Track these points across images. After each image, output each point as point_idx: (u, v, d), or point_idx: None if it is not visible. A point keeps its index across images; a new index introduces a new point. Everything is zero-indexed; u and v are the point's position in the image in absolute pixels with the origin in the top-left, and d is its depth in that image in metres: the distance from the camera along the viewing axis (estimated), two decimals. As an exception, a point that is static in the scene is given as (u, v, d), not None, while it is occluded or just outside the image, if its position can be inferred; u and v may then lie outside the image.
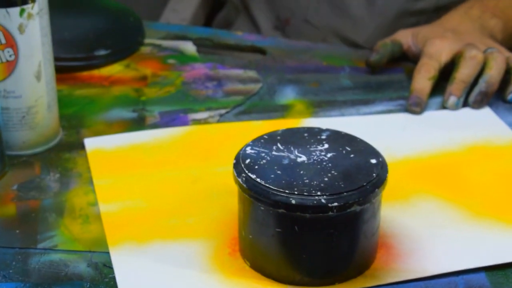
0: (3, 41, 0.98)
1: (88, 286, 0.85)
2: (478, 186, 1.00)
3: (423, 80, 1.15)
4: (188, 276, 0.86)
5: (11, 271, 0.86)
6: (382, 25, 1.43)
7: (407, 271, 0.87)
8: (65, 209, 0.95)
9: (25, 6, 0.97)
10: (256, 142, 0.88)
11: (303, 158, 0.86)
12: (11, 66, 1.00)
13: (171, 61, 1.25)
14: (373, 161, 0.86)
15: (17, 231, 0.92)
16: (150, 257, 0.89)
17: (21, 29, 0.98)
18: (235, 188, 0.86)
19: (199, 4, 1.62)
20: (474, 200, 0.97)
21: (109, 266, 0.87)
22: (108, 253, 0.89)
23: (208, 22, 1.67)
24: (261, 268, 0.86)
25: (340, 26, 1.45)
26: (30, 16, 0.98)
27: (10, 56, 0.99)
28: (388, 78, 1.22)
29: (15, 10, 0.97)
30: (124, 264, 0.88)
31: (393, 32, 1.31)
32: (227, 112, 1.14)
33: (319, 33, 1.46)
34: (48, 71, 1.03)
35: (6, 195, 0.97)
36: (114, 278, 0.85)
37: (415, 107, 1.14)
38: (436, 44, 1.18)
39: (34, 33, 1.00)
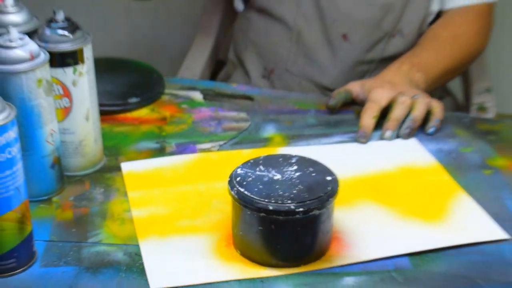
0: (61, 92, 0.99)
1: (124, 269, 0.87)
2: (404, 195, 1.01)
3: (368, 119, 1.15)
4: (196, 261, 0.88)
5: (69, 258, 0.89)
6: (343, 70, 1.42)
7: (352, 256, 0.89)
8: (107, 214, 0.97)
9: (77, 66, 0.99)
10: (244, 165, 0.90)
11: (278, 176, 0.88)
12: (67, 110, 1.01)
13: (184, 106, 1.25)
14: (329, 178, 0.88)
15: (73, 229, 0.94)
16: (168, 248, 0.90)
17: (74, 83, 1.00)
18: (229, 199, 0.88)
19: (206, 64, 1.60)
20: (401, 205, 0.99)
21: (139, 255, 0.89)
22: (138, 245, 0.91)
23: (212, 76, 1.65)
24: (248, 255, 0.88)
25: (312, 73, 1.44)
26: (80, 74, 1.00)
27: (66, 103, 1.00)
28: (342, 117, 1.22)
29: (69, 69, 0.99)
30: (149, 253, 0.89)
31: (352, 75, 1.31)
32: (225, 143, 1.14)
33: (296, 79, 1.45)
34: (95, 114, 1.04)
35: (65, 204, 0.98)
36: (142, 263, 0.88)
37: (362, 139, 1.14)
38: (378, 92, 1.18)
39: (83, 86, 1.01)
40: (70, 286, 0.85)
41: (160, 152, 1.12)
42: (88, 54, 1.01)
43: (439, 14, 1.44)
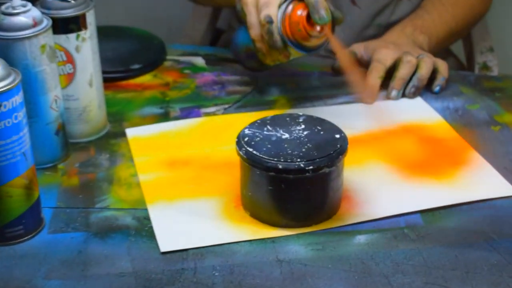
0: (65, 58, 0.99)
1: (133, 233, 0.86)
2: (413, 153, 1.00)
3: (374, 79, 1.15)
4: (206, 223, 0.87)
5: (77, 224, 0.88)
6: (351, 35, 1.39)
7: (363, 215, 0.88)
8: (114, 179, 0.96)
9: (80, 32, 0.98)
10: (252, 125, 0.89)
11: (286, 135, 0.87)
12: (70, 77, 1.00)
13: (186, 71, 1.24)
14: (337, 136, 0.87)
15: (80, 196, 0.93)
16: (177, 211, 0.89)
17: (77, 49, 0.99)
18: (237, 159, 0.87)
19: (205, 33, 1.59)
20: (410, 163, 0.98)
21: (147, 219, 0.88)
22: (146, 209, 0.90)
23: (212, 45, 1.61)
24: (258, 216, 0.87)
25: None
26: (83, 39, 0.99)
27: (70, 69, 1.00)
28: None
29: (72, 36, 0.98)
30: (158, 216, 0.89)
31: (359, 40, 1.29)
32: (229, 107, 1.13)
33: None
34: (98, 80, 1.03)
35: (71, 170, 0.98)
36: (151, 227, 0.87)
37: (369, 99, 1.13)
38: (382, 52, 1.17)
39: (87, 52, 1.00)
40: (80, 251, 0.84)
41: (164, 117, 1.11)
42: (90, 19, 1.00)
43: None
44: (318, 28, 1.00)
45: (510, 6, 2.08)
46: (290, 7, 1.01)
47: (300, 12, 1.00)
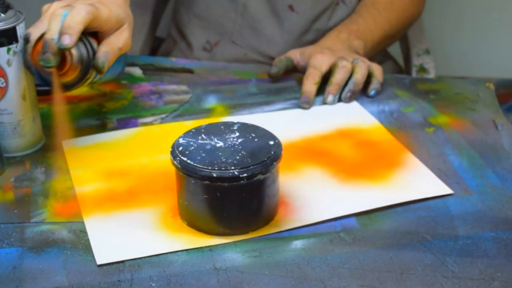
0: None
1: (69, 246, 0.85)
2: (349, 157, 1.01)
3: (310, 85, 1.15)
4: (143, 234, 0.87)
5: (12, 239, 0.86)
6: (289, 41, 1.41)
7: (300, 220, 0.88)
8: (50, 193, 0.95)
9: (10, 46, 0.96)
10: (186, 134, 0.89)
11: (220, 143, 0.87)
12: (3, 90, 0.98)
13: (124, 82, 1.23)
14: (271, 142, 0.87)
15: (15, 210, 0.91)
16: (114, 223, 0.88)
17: (8, 63, 0.97)
18: (173, 169, 0.86)
19: (144, 42, 1.58)
20: (346, 167, 0.98)
21: (84, 231, 0.87)
22: (83, 222, 0.89)
23: (152, 54, 1.62)
24: (195, 225, 0.87)
25: (258, 44, 1.43)
26: (15, 53, 0.97)
27: (2, 83, 0.98)
28: (284, 85, 1.22)
29: (3, 49, 0.96)
30: (95, 229, 0.87)
31: (298, 46, 1.31)
32: (166, 116, 1.13)
33: (242, 50, 1.44)
34: (31, 93, 1.02)
35: (6, 185, 0.96)
36: (88, 239, 0.86)
37: (306, 104, 1.14)
38: (318, 58, 1.18)
39: (18, 65, 0.98)
40: (14, 267, 0.82)
41: (101, 128, 1.10)
42: (21, 32, 0.98)
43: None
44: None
45: (446, 7, 2.11)
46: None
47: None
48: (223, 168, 0.83)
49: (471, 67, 2.19)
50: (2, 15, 0.96)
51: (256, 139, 0.88)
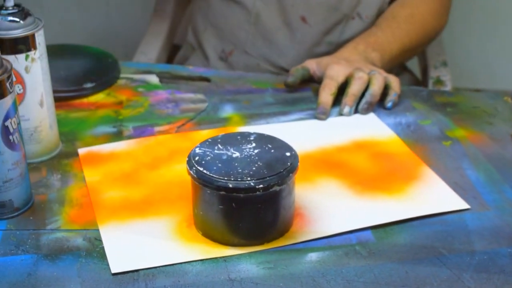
0: (14, 79, 0.95)
1: (84, 254, 0.85)
2: (365, 169, 1.00)
3: (326, 95, 1.15)
4: (158, 243, 0.87)
5: (27, 246, 0.87)
6: (301, 53, 1.41)
7: (315, 232, 0.88)
8: (66, 200, 0.95)
9: (29, 53, 0.97)
10: (202, 144, 0.89)
11: (237, 154, 0.87)
12: (21, 97, 0.99)
13: (140, 89, 1.23)
14: (288, 154, 0.87)
15: (31, 217, 0.92)
16: (129, 231, 0.89)
17: (27, 69, 0.98)
18: (188, 179, 0.86)
19: (162, 49, 1.58)
20: (362, 179, 0.98)
21: (99, 239, 0.87)
22: (98, 230, 0.89)
23: (168, 61, 1.62)
24: (210, 235, 0.87)
25: (270, 54, 1.43)
26: (33, 60, 0.98)
27: (20, 90, 0.98)
28: (300, 95, 1.21)
29: (21, 56, 0.97)
30: (110, 237, 0.88)
31: (310, 58, 1.32)
32: (182, 125, 1.12)
33: (254, 60, 1.44)
34: (49, 100, 1.02)
35: None
36: (103, 248, 0.86)
37: (322, 115, 1.13)
38: (334, 69, 1.18)
39: (36, 72, 0.99)
40: (29, 274, 0.83)
41: (117, 136, 1.10)
42: (40, 39, 0.99)
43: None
44: None
45: (464, 19, 2.11)
46: None
47: None
48: (239, 179, 0.83)
49: (487, 80, 2.18)
50: (21, 22, 0.97)
51: (272, 150, 0.88)
